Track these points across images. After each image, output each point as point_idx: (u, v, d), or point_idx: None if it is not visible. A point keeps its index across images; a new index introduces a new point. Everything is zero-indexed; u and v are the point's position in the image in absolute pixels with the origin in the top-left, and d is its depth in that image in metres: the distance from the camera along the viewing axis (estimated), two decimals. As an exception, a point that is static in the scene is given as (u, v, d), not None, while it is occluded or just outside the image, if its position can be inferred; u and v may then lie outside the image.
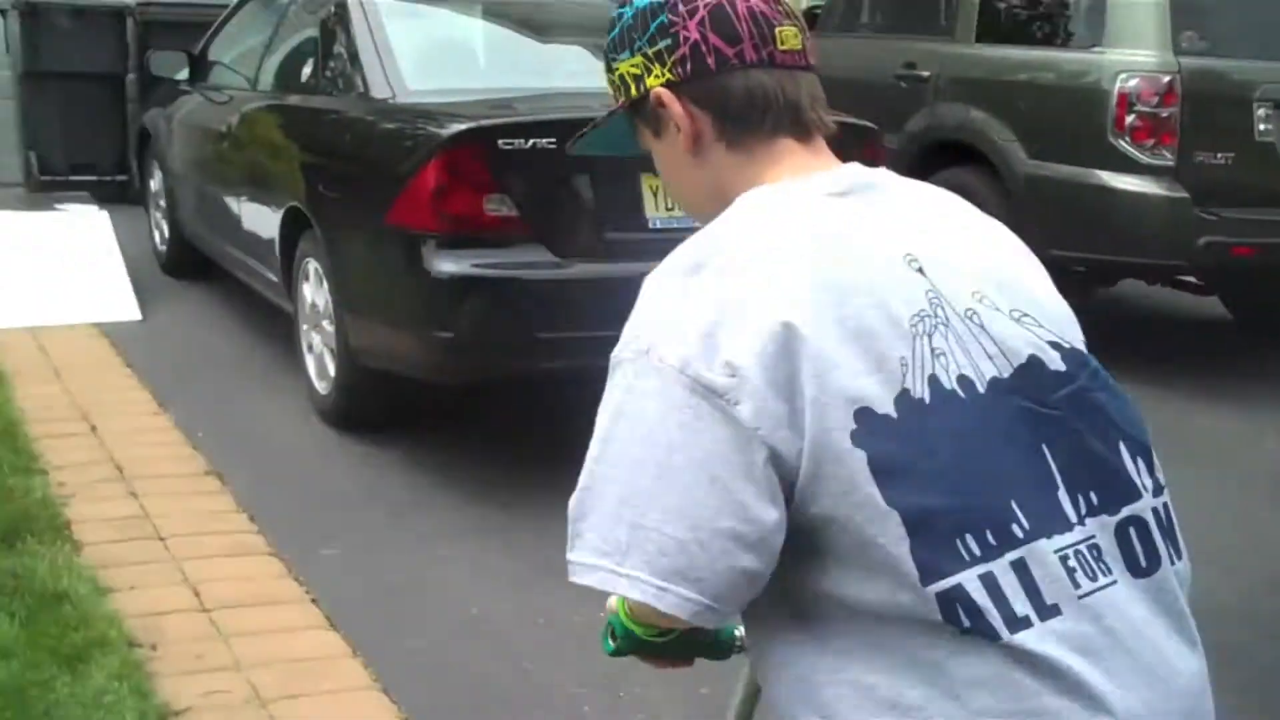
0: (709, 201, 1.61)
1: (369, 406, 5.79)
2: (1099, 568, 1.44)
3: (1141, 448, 1.53)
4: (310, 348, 6.05)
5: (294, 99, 6.44)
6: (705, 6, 1.57)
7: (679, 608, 1.40)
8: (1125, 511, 1.48)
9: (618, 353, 1.49)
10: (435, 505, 5.16)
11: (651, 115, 1.63)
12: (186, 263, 8.16)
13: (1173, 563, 1.51)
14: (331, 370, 5.83)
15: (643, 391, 1.45)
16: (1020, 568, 1.39)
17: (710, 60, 1.57)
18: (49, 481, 5.06)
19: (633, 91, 1.63)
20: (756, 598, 1.44)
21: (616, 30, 1.64)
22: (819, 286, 1.42)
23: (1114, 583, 1.44)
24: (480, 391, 6.01)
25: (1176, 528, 1.54)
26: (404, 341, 5.33)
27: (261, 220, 6.48)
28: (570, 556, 1.46)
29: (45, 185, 10.25)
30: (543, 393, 5.86)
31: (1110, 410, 1.52)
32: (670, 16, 1.58)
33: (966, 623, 1.37)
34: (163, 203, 8.31)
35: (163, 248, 8.43)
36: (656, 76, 1.60)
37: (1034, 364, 1.49)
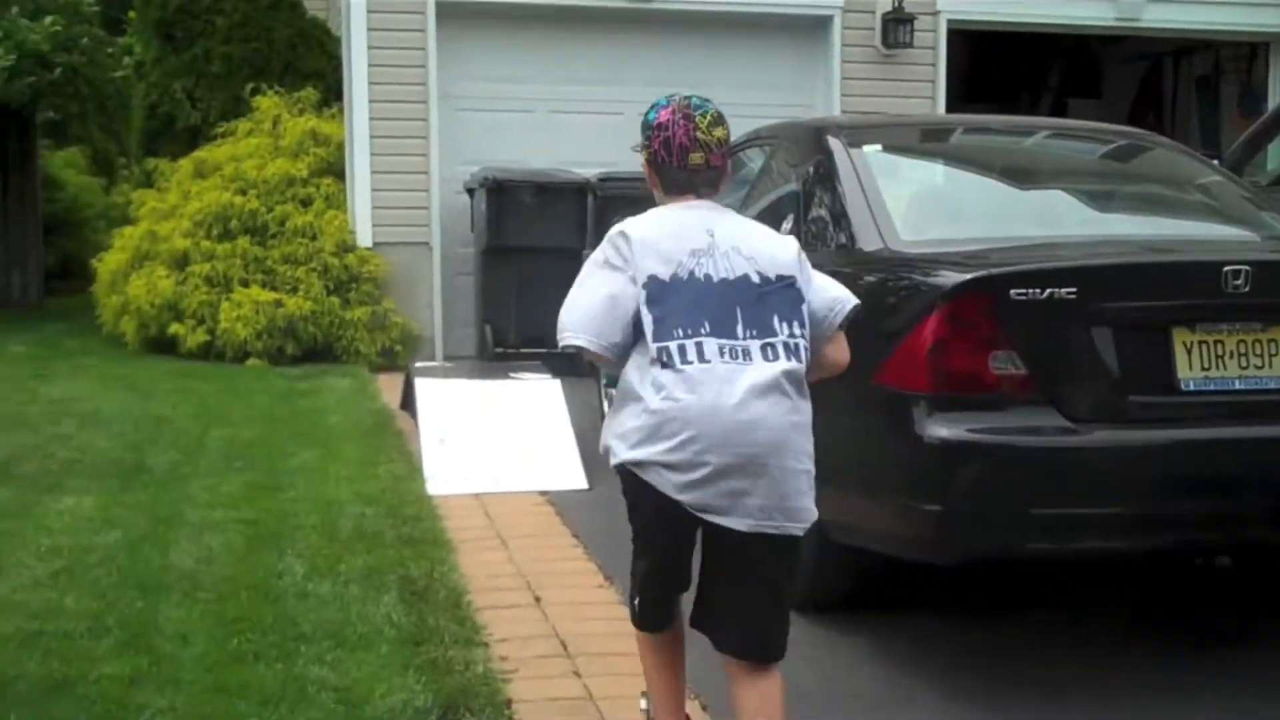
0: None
1: (834, 587, 5.28)
2: (743, 358, 3.41)
3: (789, 318, 3.50)
4: (770, 520, 5.57)
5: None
6: (660, 136, 3.61)
7: (602, 350, 3.48)
8: (768, 339, 3.45)
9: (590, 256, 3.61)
10: (908, 703, 4.60)
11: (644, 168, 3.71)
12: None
13: (793, 358, 3.48)
14: (794, 546, 5.31)
15: (587, 271, 3.56)
16: (697, 346, 3.39)
17: (659, 159, 3.63)
18: (490, 655, 4.84)
19: (641, 153, 3.71)
20: (620, 358, 3.50)
21: (643, 127, 3.69)
22: (661, 230, 3.53)
23: (750, 365, 3.42)
24: (964, 572, 5.39)
25: (799, 349, 3.50)
26: (884, 514, 4.79)
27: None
28: (559, 339, 3.52)
29: (498, 358, 10.35)
30: (1037, 576, 5.42)
31: (778, 301, 3.50)
32: (649, 136, 3.65)
33: (663, 359, 3.39)
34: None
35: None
36: (643, 154, 3.69)
37: (744, 277, 3.48)
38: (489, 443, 7.56)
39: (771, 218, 6.27)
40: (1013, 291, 4.49)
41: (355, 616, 5.09)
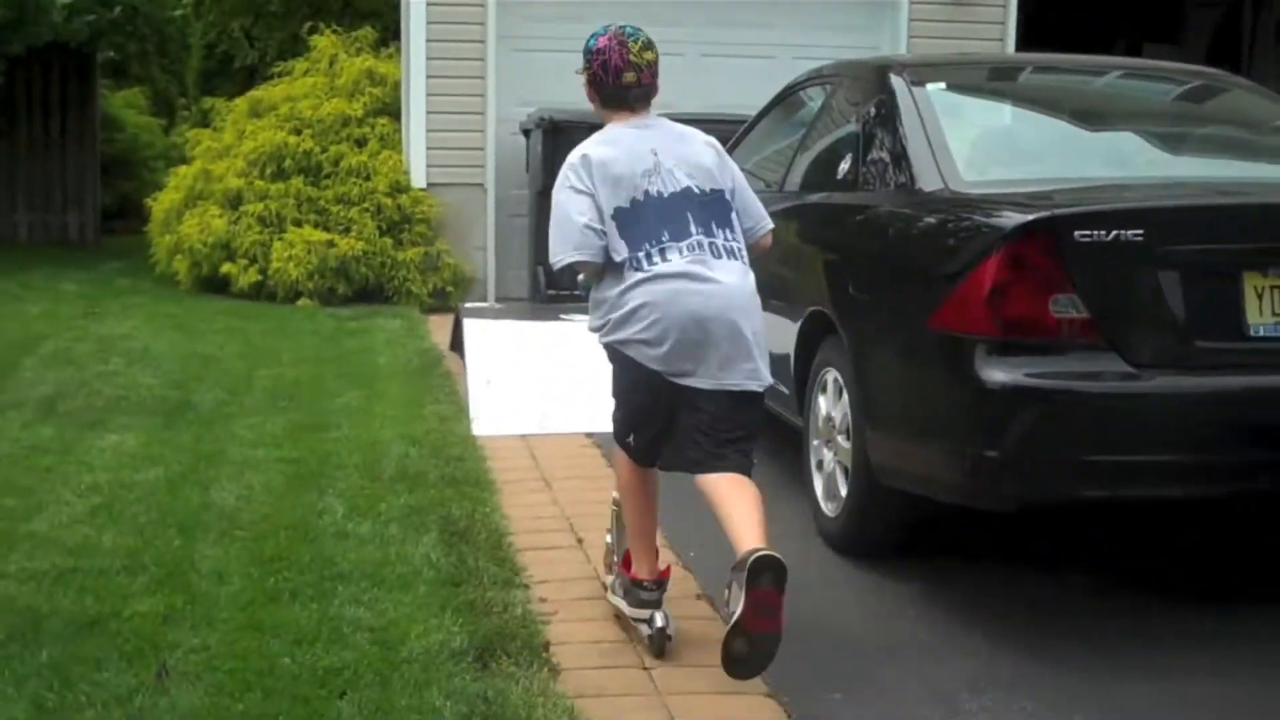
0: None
1: (884, 531, 5.17)
2: (699, 249, 4.20)
3: (725, 224, 4.30)
4: (820, 465, 5.48)
5: (823, 197, 5.92)
6: (599, 59, 4.31)
7: (590, 260, 4.23)
8: (713, 239, 4.24)
9: (562, 170, 4.32)
10: (956, 649, 4.48)
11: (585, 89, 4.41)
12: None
13: (735, 259, 4.28)
14: (843, 490, 5.22)
15: (558, 197, 4.28)
16: (661, 250, 4.18)
17: (598, 79, 4.35)
18: (530, 597, 4.76)
19: (583, 75, 4.37)
20: (601, 263, 4.24)
21: (584, 53, 4.36)
22: (612, 157, 4.26)
23: (704, 257, 4.21)
24: (1015, 519, 5.25)
25: (736, 249, 4.30)
26: (938, 459, 4.64)
27: (776, 327, 5.94)
28: (553, 262, 4.30)
29: (549, 300, 10.21)
30: (1093, 522, 5.29)
31: (716, 210, 4.28)
32: (589, 59, 4.32)
33: (635, 264, 4.19)
34: (668, 314, 7.99)
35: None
36: (584, 75, 4.38)
37: (687, 189, 4.25)
38: (536, 384, 7.45)
39: (830, 157, 6.13)
40: (1076, 233, 4.34)
41: (394, 556, 5.02)
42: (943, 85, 5.84)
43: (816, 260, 5.65)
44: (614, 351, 4.36)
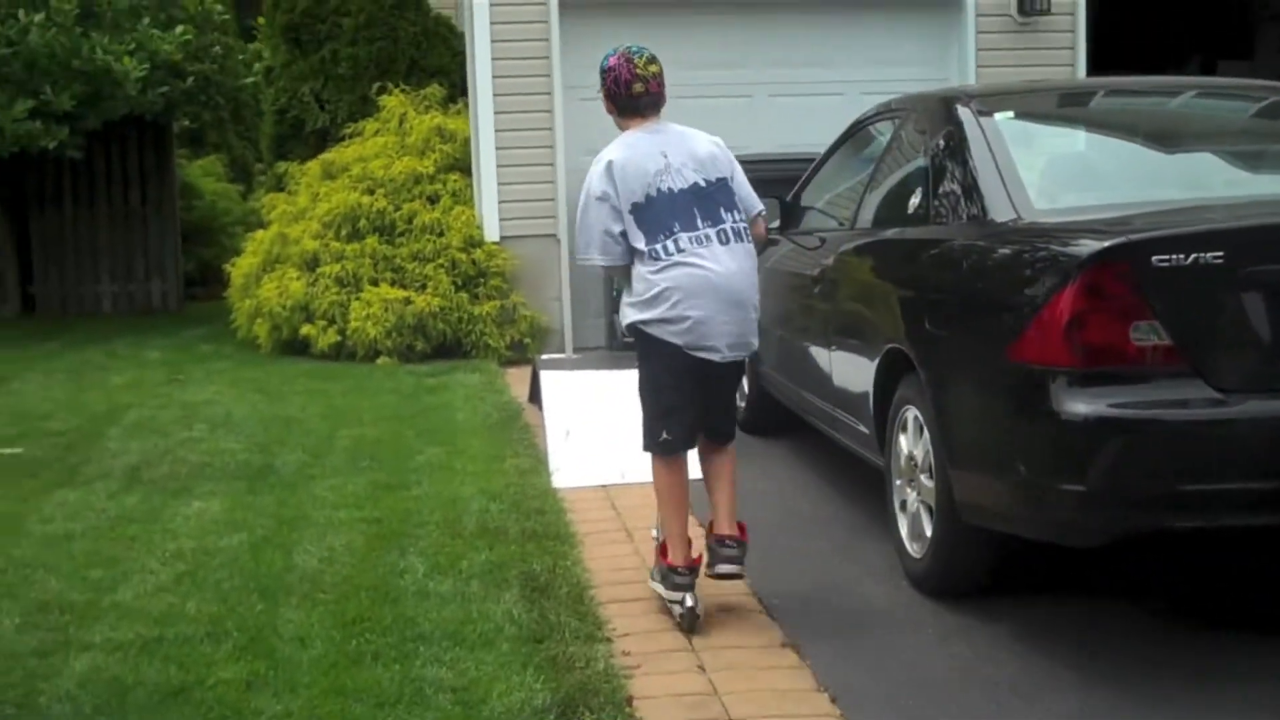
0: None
1: (972, 571, 5.06)
2: (708, 240, 4.91)
3: (730, 207, 5.00)
4: (903, 505, 5.39)
5: (896, 232, 5.86)
6: (611, 75, 5.06)
7: (613, 262, 4.98)
8: (720, 226, 4.96)
9: (586, 179, 5.06)
10: (1050, 690, 4.38)
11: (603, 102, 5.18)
12: (766, 419, 7.78)
13: (740, 240, 5.00)
14: (928, 530, 5.12)
15: (584, 202, 5.00)
16: (674, 240, 4.88)
17: (612, 92, 5.09)
18: (612, 651, 4.71)
19: (600, 93, 5.17)
20: (626, 264, 4.99)
21: (600, 72, 5.14)
22: (628, 160, 4.96)
23: (711, 246, 4.91)
24: (1110, 553, 5.13)
25: (741, 231, 5.02)
26: (1022, 495, 4.53)
27: (853, 367, 5.92)
28: (578, 259, 5.14)
29: (627, 347, 10.16)
30: (1189, 554, 5.20)
31: (721, 197, 4.99)
32: (603, 78, 5.10)
33: (653, 254, 4.89)
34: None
35: (741, 404, 8.04)
36: (601, 92, 5.15)
37: (694, 185, 4.96)
38: (615, 434, 7.39)
39: (901, 192, 6.08)
40: (1154, 258, 4.24)
41: (475, 614, 4.99)
42: (1011, 114, 5.78)
43: (891, 297, 5.58)
44: (641, 337, 5.04)
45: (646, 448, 5.12)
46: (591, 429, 7.42)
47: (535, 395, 8.59)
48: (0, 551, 5.92)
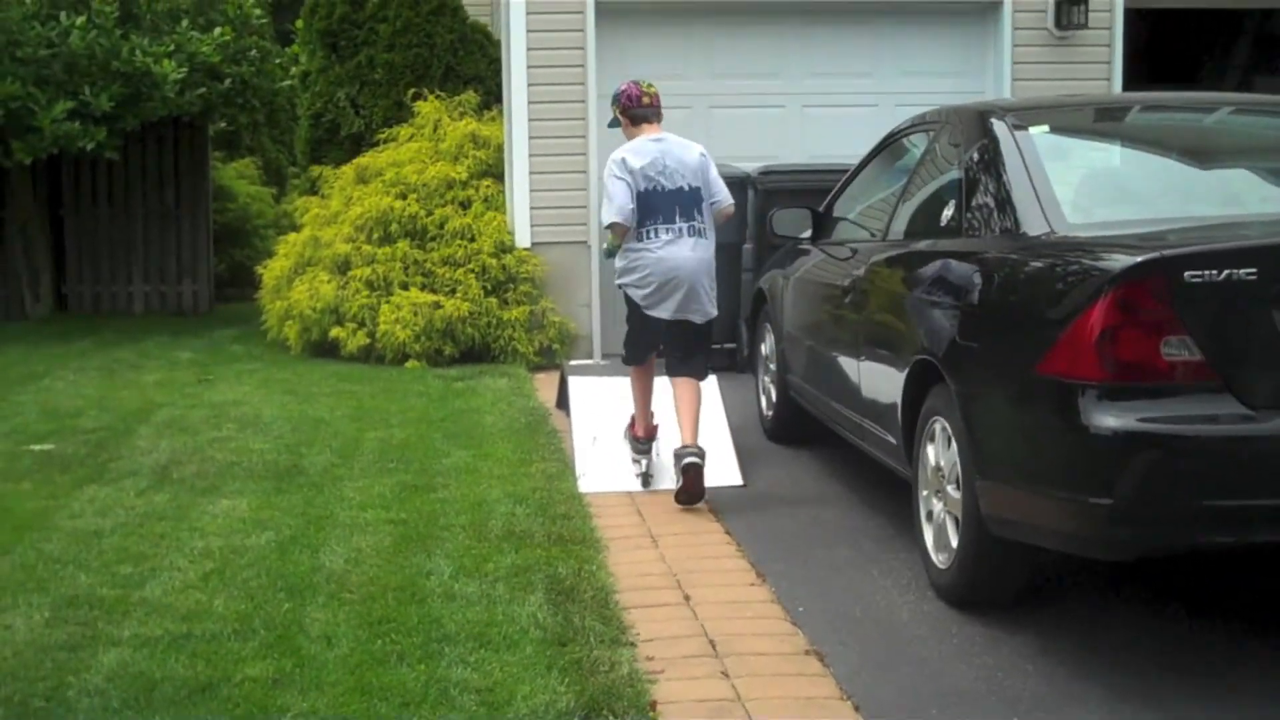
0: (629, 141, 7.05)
1: (998, 583, 5.06)
2: (679, 234, 6.82)
3: (699, 210, 6.89)
4: (930, 516, 5.38)
5: (928, 244, 5.86)
6: (625, 95, 7.04)
7: (625, 223, 6.78)
8: (690, 222, 6.85)
9: (608, 164, 6.96)
10: (1074, 703, 4.37)
11: (619, 120, 7.13)
12: (794, 428, 7.78)
13: (701, 236, 6.90)
14: (954, 541, 5.12)
15: (609, 181, 6.84)
16: (655, 229, 6.81)
17: (626, 106, 7.03)
18: (637, 655, 4.72)
19: (615, 112, 7.15)
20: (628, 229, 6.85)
21: (612, 100, 7.21)
22: (641, 160, 6.82)
23: (682, 237, 6.83)
24: (1135, 567, 5.12)
25: (704, 229, 6.92)
26: (1050, 508, 4.53)
27: (882, 377, 5.92)
28: (604, 220, 6.94)
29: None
30: (1217, 568, 5.16)
31: (695, 201, 6.87)
32: (618, 97, 7.09)
33: (640, 236, 6.83)
34: (772, 366, 7.98)
35: (769, 413, 8.07)
36: (615, 109, 7.12)
37: (680, 188, 6.85)
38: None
39: (933, 204, 6.08)
40: (1187, 274, 4.24)
41: (501, 617, 5.01)
42: (1046, 128, 5.78)
43: (922, 309, 5.57)
44: (627, 297, 6.98)
45: (626, 361, 7.23)
46: (619, 435, 7.43)
47: (563, 401, 8.61)
48: (31, 546, 5.96)
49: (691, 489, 6.63)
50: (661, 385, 7.13)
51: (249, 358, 11.49)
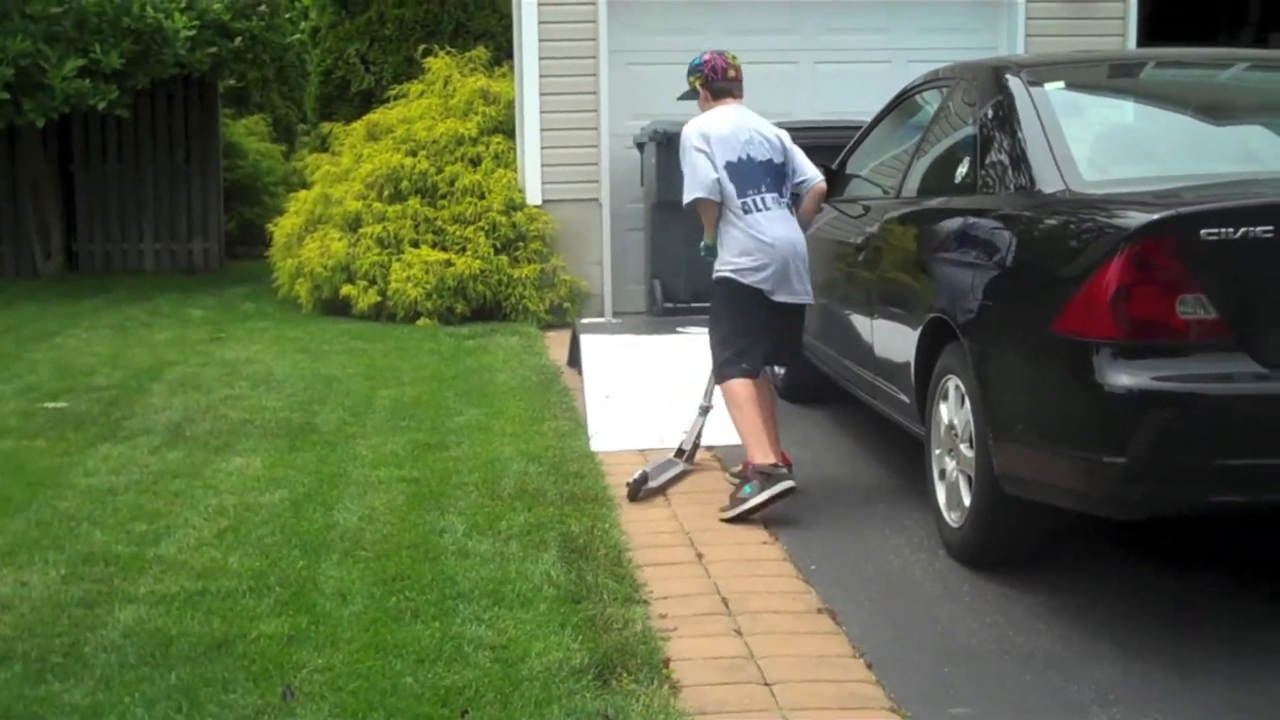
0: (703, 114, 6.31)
1: (1010, 541, 5.07)
2: (780, 205, 6.12)
3: (785, 185, 6.19)
4: (942, 474, 5.38)
5: (942, 202, 5.83)
6: (709, 65, 6.30)
7: (713, 200, 6.01)
8: (780, 194, 6.14)
9: (683, 139, 6.17)
10: (1085, 661, 4.38)
11: (696, 91, 6.36)
12: (806, 387, 7.76)
13: (793, 213, 6.19)
14: (966, 500, 5.11)
15: (689, 153, 6.06)
16: (761, 198, 6.06)
17: (709, 79, 6.29)
18: (649, 613, 4.74)
19: (693, 84, 6.36)
20: (718, 206, 6.08)
21: (689, 69, 6.38)
22: (723, 129, 6.09)
23: (781, 208, 6.12)
24: (1148, 526, 5.12)
25: (789, 204, 6.19)
26: (1063, 467, 4.52)
27: (895, 335, 5.91)
28: (687, 198, 6.08)
29: (667, 313, 10.20)
30: (1233, 529, 5.15)
31: (780, 174, 6.16)
32: (701, 68, 6.33)
33: (746, 207, 6.03)
34: (785, 325, 7.92)
35: (782, 371, 8.03)
36: (696, 80, 6.34)
37: (769, 160, 6.13)
38: (655, 399, 7.42)
39: (948, 161, 6.06)
40: (1203, 231, 4.22)
41: (514, 574, 5.03)
42: (1061, 84, 5.74)
43: (935, 266, 5.56)
44: (728, 283, 6.09)
45: (726, 376, 6.16)
46: (631, 393, 7.45)
47: (575, 359, 8.62)
48: (46, 503, 5.99)
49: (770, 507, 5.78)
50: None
51: (260, 315, 11.51)
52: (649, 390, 7.52)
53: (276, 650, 4.37)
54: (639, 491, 6.07)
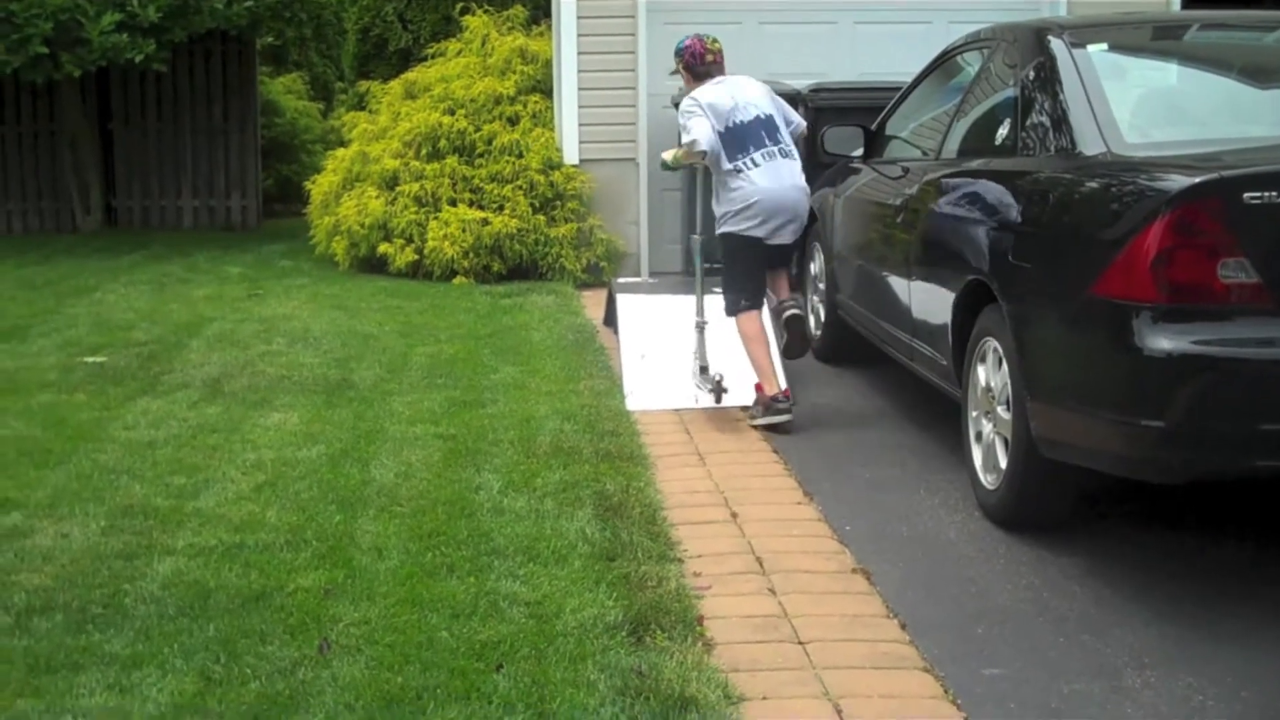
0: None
1: (1046, 503, 5.06)
2: (773, 155, 6.79)
3: (780, 131, 6.88)
4: (979, 436, 5.38)
5: (982, 163, 5.80)
6: (689, 52, 7.04)
7: (711, 149, 6.74)
8: (777, 145, 6.83)
9: (683, 106, 7.00)
10: (1121, 623, 4.37)
11: (680, 72, 7.16)
12: (842, 347, 7.77)
13: (792, 157, 6.89)
14: (1003, 462, 5.11)
15: (688, 115, 6.82)
16: (751, 158, 6.76)
17: (690, 63, 7.04)
18: (684, 571, 4.76)
19: (676, 67, 7.19)
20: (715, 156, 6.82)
21: (675, 52, 7.17)
22: (712, 97, 6.83)
23: (775, 158, 6.80)
24: (1186, 490, 5.10)
25: (790, 149, 6.91)
26: (1102, 430, 4.50)
27: (933, 296, 5.89)
28: (693, 148, 6.75)
29: (705, 273, 10.15)
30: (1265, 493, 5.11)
31: (771, 127, 6.86)
32: (681, 54, 7.09)
33: (737, 168, 6.75)
34: (821, 285, 7.94)
35: (818, 332, 8.05)
36: (679, 63, 7.13)
37: (756, 118, 6.82)
38: (690, 358, 7.41)
39: (988, 123, 6.03)
40: (1246, 195, 4.20)
41: (549, 531, 5.05)
42: (1104, 46, 5.70)
43: (975, 228, 5.52)
44: (727, 237, 6.85)
45: (733, 310, 6.97)
46: (667, 353, 7.44)
47: (610, 318, 8.61)
48: (86, 456, 6.04)
49: (798, 344, 6.95)
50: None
51: (297, 273, 11.55)
52: (685, 350, 7.50)
53: (313, 603, 4.41)
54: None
